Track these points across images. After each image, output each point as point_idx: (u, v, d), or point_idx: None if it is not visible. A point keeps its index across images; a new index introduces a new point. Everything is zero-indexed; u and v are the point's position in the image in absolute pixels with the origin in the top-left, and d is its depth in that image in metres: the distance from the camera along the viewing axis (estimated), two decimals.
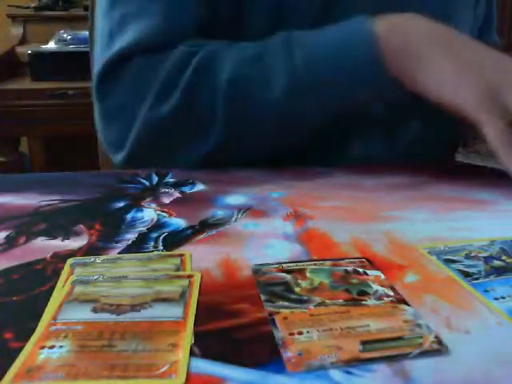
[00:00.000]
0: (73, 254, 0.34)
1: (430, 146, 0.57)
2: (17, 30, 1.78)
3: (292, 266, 0.32)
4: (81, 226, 0.38)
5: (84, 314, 0.27)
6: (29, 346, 0.24)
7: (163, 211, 0.41)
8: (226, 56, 0.48)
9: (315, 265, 0.32)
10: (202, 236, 0.36)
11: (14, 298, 0.29)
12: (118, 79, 0.50)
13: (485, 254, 0.33)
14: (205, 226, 0.38)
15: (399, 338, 0.25)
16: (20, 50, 1.69)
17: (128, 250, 0.35)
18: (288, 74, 0.46)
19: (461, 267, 0.32)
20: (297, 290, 0.29)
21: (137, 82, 0.49)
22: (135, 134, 0.50)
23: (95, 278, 0.30)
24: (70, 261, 0.33)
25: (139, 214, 0.40)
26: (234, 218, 0.39)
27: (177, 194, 0.45)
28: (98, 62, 0.52)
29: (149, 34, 0.49)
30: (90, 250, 0.34)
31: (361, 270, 0.31)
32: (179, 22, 0.50)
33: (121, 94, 0.50)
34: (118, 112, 0.51)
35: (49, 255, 0.34)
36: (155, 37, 0.49)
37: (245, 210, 0.41)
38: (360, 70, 0.46)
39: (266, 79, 0.47)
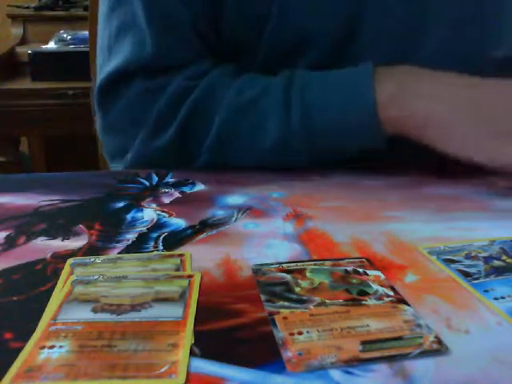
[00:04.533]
0: (73, 254, 0.34)
1: None
2: (17, 30, 1.78)
3: (292, 266, 0.32)
4: (81, 226, 0.38)
5: (84, 314, 0.27)
6: (29, 346, 0.24)
7: (163, 211, 0.41)
8: (222, 96, 0.48)
9: (315, 265, 0.32)
10: (201, 236, 0.36)
11: (14, 298, 0.29)
12: (116, 97, 0.51)
13: (485, 254, 0.33)
14: (205, 225, 0.38)
15: (399, 338, 0.25)
16: (20, 49, 1.69)
17: (128, 250, 0.35)
18: (281, 127, 0.46)
19: (461, 267, 0.32)
20: (297, 289, 0.29)
21: (134, 106, 0.50)
22: (130, 158, 0.51)
23: (95, 278, 0.30)
24: (69, 261, 0.33)
25: (139, 214, 0.40)
26: (233, 218, 0.39)
27: (177, 194, 0.45)
28: (99, 75, 0.52)
29: (145, 53, 0.49)
30: (89, 250, 0.34)
31: (361, 270, 0.31)
32: (167, 47, 0.49)
33: (119, 113, 0.51)
34: (116, 129, 0.52)
35: (49, 255, 0.34)
36: (147, 61, 0.49)
37: (245, 209, 0.41)
38: (356, 138, 0.46)
39: (257, 128, 0.47)
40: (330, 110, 0.46)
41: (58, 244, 0.35)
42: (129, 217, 0.40)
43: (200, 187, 0.46)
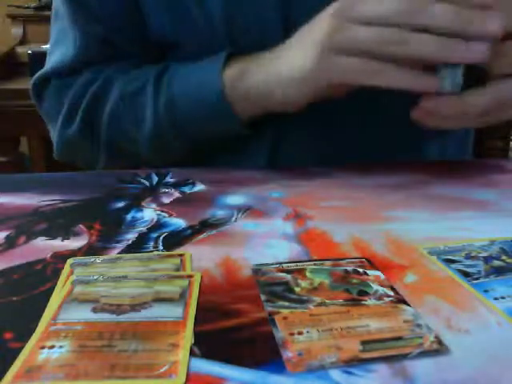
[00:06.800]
0: (73, 254, 0.34)
1: None
2: (17, 30, 1.78)
3: (292, 266, 0.32)
4: (81, 226, 0.38)
5: (84, 314, 0.27)
6: (29, 346, 0.24)
7: (163, 211, 0.41)
8: (114, 88, 0.54)
9: (315, 265, 0.32)
10: (201, 236, 0.36)
11: (14, 298, 0.29)
12: (42, 94, 0.59)
13: (485, 254, 0.33)
14: (205, 225, 0.38)
15: (399, 338, 0.25)
16: (20, 49, 1.69)
17: (128, 250, 0.35)
18: (153, 113, 0.52)
19: (461, 267, 0.32)
20: (297, 289, 0.29)
21: (52, 101, 0.58)
22: (55, 143, 0.59)
23: (95, 277, 0.30)
24: (70, 261, 0.33)
25: (139, 214, 0.40)
26: (233, 218, 0.39)
27: (177, 194, 0.45)
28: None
29: (63, 61, 0.57)
30: (89, 250, 0.34)
31: (361, 270, 0.31)
32: (87, 51, 0.56)
33: (45, 107, 0.59)
34: (47, 119, 0.61)
35: (49, 255, 0.34)
36: (68, 63, 0.56)
37: (245, 209, 0.41)
38: (212, 122, 0.50)
39: (137, 117, 0.53)
40: (187, 97, 0.50)
41: (58, 244, 0.35)
42: (129, 217, 0.40)
43: (200, 187, 0.46)
